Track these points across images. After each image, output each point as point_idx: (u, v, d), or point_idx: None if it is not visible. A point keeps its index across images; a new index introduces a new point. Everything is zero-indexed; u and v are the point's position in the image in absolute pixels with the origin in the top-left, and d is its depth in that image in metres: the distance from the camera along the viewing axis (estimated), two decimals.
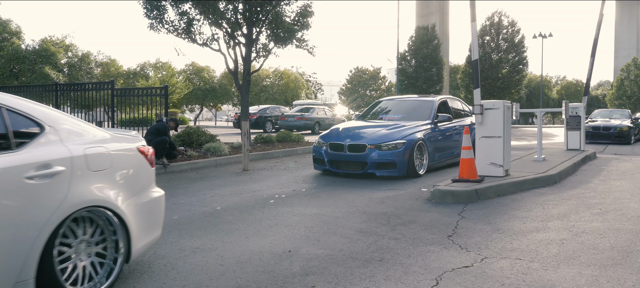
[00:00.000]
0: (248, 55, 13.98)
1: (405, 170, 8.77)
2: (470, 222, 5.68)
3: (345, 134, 9.50)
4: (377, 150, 8.80)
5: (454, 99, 11.52)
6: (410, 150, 8.81)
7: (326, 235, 5.23)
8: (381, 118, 10.50)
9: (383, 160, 8.74)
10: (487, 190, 7.03)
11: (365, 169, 8.84)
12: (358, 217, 6.05)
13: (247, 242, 4.97)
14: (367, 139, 9.04)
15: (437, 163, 9.79)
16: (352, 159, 8.99)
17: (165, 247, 4.80)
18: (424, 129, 9.50)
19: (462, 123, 10.78)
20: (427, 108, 10.30)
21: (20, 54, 41.21)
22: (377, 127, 9.61)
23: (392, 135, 9.04)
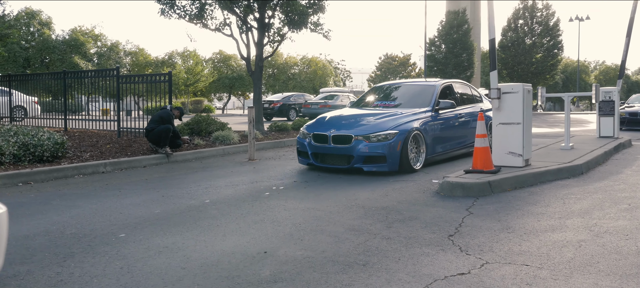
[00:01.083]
0: (260, 40, 13.48)
1: (397, 165, 7.72)
2: (477, 219, 5.06)
3: (331, 123, 8.45)
4: (365, 141, 7.71)
5: (463, 83, 10.37)
6: (404, 141, 7.70)
7: (313, 233, 4.70)
8: (376, 105, 9.36)
9: (371, 153, 7.66)
10: (502, 182, 6.37)
11: (351, 163, 7.80)
12: (354, 212, 5.49)
13: (223, 241, 4.48)
14: (354, 129, 7.97)
15: (439, 156, 8.74)
16: (337, 152, 7.93)
17: (131, 247, 4.35)
18: (423, 117, 8.39)
19: (472, 110, 9.79)
20: (427, 94, 9.12)
21: (51, 44, 41.78)
22: (368, 115, 8.55)
23: (382, 124, 7.95)
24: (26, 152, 8.43)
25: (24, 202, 6.24)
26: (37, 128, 9.41)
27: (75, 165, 8.36)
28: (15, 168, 7.93)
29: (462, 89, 10.15)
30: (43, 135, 8.91)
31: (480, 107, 10.01)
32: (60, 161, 8.75)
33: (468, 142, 9.42)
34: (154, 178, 7.97)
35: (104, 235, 4.71)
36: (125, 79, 11.46)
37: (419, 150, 8.15)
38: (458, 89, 9.90)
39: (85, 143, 10.55)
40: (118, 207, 5.90)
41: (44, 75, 14.40)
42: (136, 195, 6.61)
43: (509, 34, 45.73)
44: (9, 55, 38.94)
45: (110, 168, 8.79)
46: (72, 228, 4.96)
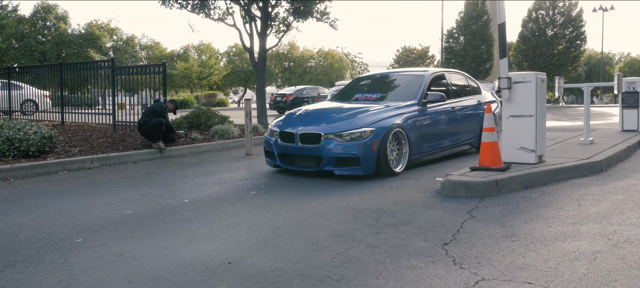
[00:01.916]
0: (264, 30, 12.95)
1: (373, 167, 6.61)
2: (479, 224, 4.47)
3: (301, 119, 7.34)
4: (336, 140, 6.60)
5: (458, 73, 9.20)
6: (382, 140, 6.60)
7: (290, 239, 4.17)
8: (357, 98, 8.16)
9: (343, 153, 6.56)
10: (510, 181, 5.76)
11: (320, 166, 6.70)
12: (343, 214, 4.94)
13: (187, 248, 3.97)
14: (325, 125, 6.87)
15: (427, 156, 7.72)
16: (305, 152, 6.84)
17: (82, 254, 3.87)
18: (407, 112, 7.23)
19: (468, 102, 8.67)
20: (414, 85, 7.91)
21: (67, 38, 41.83)
22: (344, 110, 7.41)
23: (357, 120, 6.81)
24: (11, 147, 8.05)
25: None
26: (27, 122, 9.03)
27: (60, 161, 7.94)
28: None
29: (457, 80, 9.01)
30: (30, 130, 8.52)
31: (478, 100, 8.96)
32: (46, 156, 8.35)
33: (463, 140, 8.47)
34: (140, 175, 7.51)
35: (59, 241, 4.24)
36: (119, 70, 11.03)
37: (401, 150, 7.07)
38: (452, 80, 8.79)
39: (78, 137, 10.15)
40: (88, 207, 5.44)
41: (40, 67, 14.07)
42: (114, 193, 6.15)
43: (529, 25, 44.53)
44: (25, 49, 39.11)
45: (97, 163, 8.36)
46: (29, 232, 4.50)
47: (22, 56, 39.01)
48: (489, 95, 9.41)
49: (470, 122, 8.55)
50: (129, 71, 11.10)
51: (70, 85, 12.39)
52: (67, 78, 12.18)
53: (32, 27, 41.62)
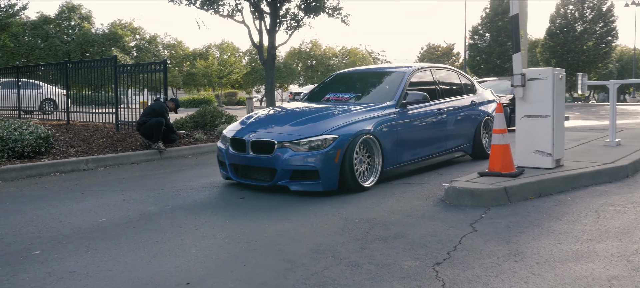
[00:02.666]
0: (273, 26, 12.56)
1: (335, 182, 5.56)
2: (480, 239, 3.96)
3: (256, 123, 6.28)
4: (292, 150, 5.55)
5: (447, 69, 8.05)
6: (346, 149, 5.57)
7: (265, 255, 3.73)
8: (327, 99, 7.07)
9: (299, 165, 5.51)
10: (522, 188, 5.21)
11: (274, 180, 5.64)
12: (332, 225, 4.48)
13: (149, 264, 3.57)
14: (279, 132, 5.82)
15: (408, 165, 6.69)
16: (258, 164, 5.79)
17: (33, 270, 3.50)
18: (381, 115, 6.17)
19: (458, 102, 7.54)
20: (392, 84, 6.83)
21: (90, 38, 42.09)
22: (308, 112, 6.43)
23: (318, 126, 5.75)
24: (5, 148, 7.80)
25: None
26: (24, 121, 8.80)
27: (53, 162, 7.66)
28: None
29: (446, 77, 7.78)
30: (25, 130, 8.27)
31: (472, 100, 7.84)
32: (41, 157, 8.09)
33: (454, 146, 7.38)
34: (132, 178, 7.17)
35: (16, 252, 3.88)
36: (122, 68, 10.74)
37: (373, 161, 6.00)
38: (439, 77, 7.54)
39: (79, 137, 9.89)
40: (64, 213, 5.09)
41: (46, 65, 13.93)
42: (96, 198, 5.80)
43: (557, 21, 43.25)
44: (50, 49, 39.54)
45: (92, 165, 8.06)
46: None
47: (47, 56, 39.41)
48: (487, 94, 8.41)
49: (463, 125, 7.47)
50: (131, 69, 10.81)
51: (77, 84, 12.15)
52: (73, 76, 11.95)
53: (57, 27, 42.06)
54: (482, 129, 7.80)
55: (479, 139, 7.73)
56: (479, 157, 7.80)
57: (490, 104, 8.23)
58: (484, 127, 7.87)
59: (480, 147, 7.77)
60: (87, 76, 11.96)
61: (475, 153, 7.80)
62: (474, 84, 8.29)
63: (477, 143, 7.73)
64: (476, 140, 7.71)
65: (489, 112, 8.03)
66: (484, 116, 7.90)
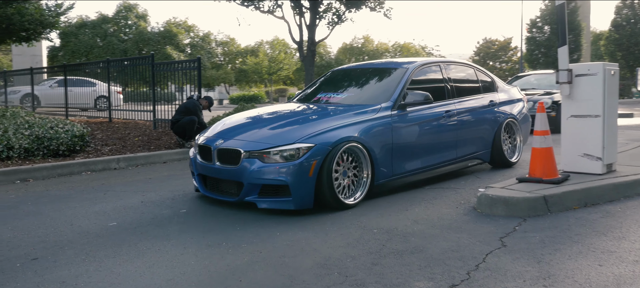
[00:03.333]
0: (313, 22, 12.28)
1: (310, 199, 4.74)
2: (508, 257, 3.51)
3: (228, 129, 5.48)
4: (260, 160, 4.75)
5: (461, 63, 7.04)
6: (323, 159, 4.73)
7: (266, 268, 3.43)
8: (318, 99, 6.25)
9: (268, 179, 4.71)
10: (564, 197, 4.68)
11: (240, 195, 4.87)
12: (348, 234, 4.14)
13: (139, 277, 3.35)
14: (248, 139, 5.02)
15: (406, 176, 5.69)
16: (225, 176, 5.04)
17: (25, 278, 3.35)
18: (371, 118, 5.29)
19: (474, 103, 6.57)
20: (390, 82, 5.93)
21: (146, 36, 43.25)
22: (285, 116, 5.66)
23: (293, 132, 4.95)
24: (40, 146, 7.88)
25: None
26: (60, 120, 8.89)
27: (84, 161, 7.66)
28: (23, 163, 7.37)
29: (459, 74, 6.77)
30: (61, 128, 8.34)
31: (491, 99, 6.84)
32: (75, 156, 8.13)
33: (467, 153, 6.40)
34: (160, 178, 7.05)
35: (14, 259, 3.76)
36: (159, 66, 10.74)
37: (361, 173, 5.14)
38: (450, 74, 6.53)
39: (116, 135, 9.95)
40: (78, 216, 4.98)
41: (88, 64, 14.20)
42: (115, 199, 5.68)
43: (624, 12, 40.80)
44: (108, 47, 40.87)
45: (123, 164, 8.02)
46: None
47: (105, 54, 40.75)
48: (511, 93, 7.42)
49: (478, 129, 6.52)
50: (167, 67, 10.80)
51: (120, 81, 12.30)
52: (114, 74, 12.10)
53: (115, 25, 43.43)
54: (502, 133, 6.78)
55: (499, 144, 6.71)
56: (499, 166, 6.85)
57: (516, 104, 7.29)
58: (505, 130, 6.88)
59: (500, 154, 6.76)
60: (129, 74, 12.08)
61: (494, 161, 6.82)
62: (495, 81, 7.25)
63: (497, 149, 6.72)
64: (495, 146, 6.71)
65: (513, 114, 7.06)
66: (506, 118, 6.89)
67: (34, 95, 16.49)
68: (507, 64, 61.21)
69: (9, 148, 7.50)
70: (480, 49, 63.73)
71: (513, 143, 7.10)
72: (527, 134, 7.36)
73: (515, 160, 7.01)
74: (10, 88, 19.09)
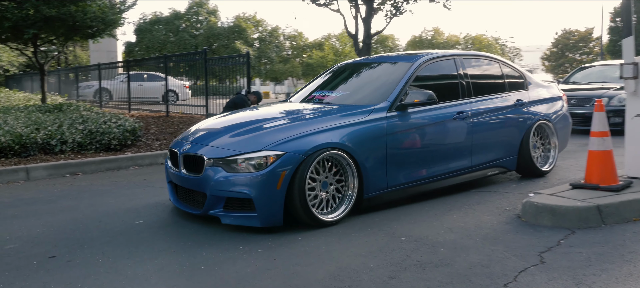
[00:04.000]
0: (369, 14, 11.93)
1: (278, 215, 4.11)
2: (543, 275, 3.11)
3: (200, 131, 4.94)
4: (224, 169, 4.19)
5: (481, 57, 6.17)
6: (293, 171, 4.09)
7: (272, 279, 3.24)
8: (312, 97, 5.61)
9: (231, 191, 4.13)
10: (622, 207, 4.16)
11: (204, 208, 4.31)
12: (371, 243, 3.86)
13: (144, 281, 3.24)
14: (216, 145, 4.42)
15: (405, 188, 4.89)
16: (190, 185, 4.51)
17: (34, 277, 3.33)
18: (362, 120, 4.60)
19: (496, 103, 5.69)
20: (390, 79, 5.18)
21: (216, 31, 44.33)
22: (261, 120, 4.93)
23: (261, 137, 4.34)
24: (92, 140, 8.08)
25: (28, 199, 5.66)
26: (113, 115, 9.12)
27: (132, 156, 7.78)
28: (76, 157, 7.59)
29: (479, 68, 5.95)
30: (114, 123, 8.53)
31: (518, 98, 5.92)
32: (126, 150, 8.28)
33: (485, 161, 5.54)
34: None
35: (33, 256, 3.78)
36: (211, 61, 10.83)
37: (347, 185, 4.46)
38: (467, 69, 5.66)
39: (169, 130, 10.09)
40: (109, 212, 4.99)
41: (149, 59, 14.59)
42: (152, 196, 5.68)
43: None
44: (180, 43, 42.20)
45: None
46: (20, 242, 4.12)
47: (177, 49, 42.13)
48: (546, 91, 6.43)
49: (501, 132, 5.69)
50: (219, 62, 10.86)
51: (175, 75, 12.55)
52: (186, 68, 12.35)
53: (186, 21, 44.77)
54: (532, 137, 5.87)
55: (527, 150, 5.79)
56: (527, 175, 5.97)
57: (551, 103, 6.31)
58: (536, 134, 5.99)
59: (529, 161, 5.83)
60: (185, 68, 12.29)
61: (521, 170, 5.93)
62: (526, 77, 6.30)
63: (525, 156, 5.80)
64: (523, 153, 5.79)
65: (546, 114, 6.09)
66: (537, 120, 5.95)
67: (101, 89, 17.16)
68: (588, 55, 57.93)
69: (62, 143, 7.73)
70: (559, 40, 60.72)
71: (546, 149, 6.16)
72: (565, 138, 6.50)
73: (547, 168, 6.05)
74: (85, 83, 20.06)
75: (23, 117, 8.35)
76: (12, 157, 7.22)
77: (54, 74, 21.42)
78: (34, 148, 7.44)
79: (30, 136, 7.44)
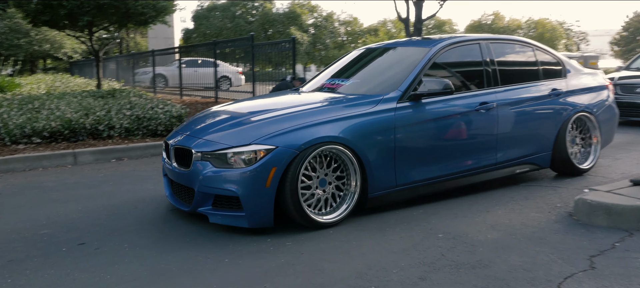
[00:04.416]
0: None
1: (267, 215, 3.77)
2: (591, 284, 2.81)
3: (198, 121, 4.60)
4: (212, 164, 3.86)
5: (512, 41, 5.52)
6: (285, 167, 3.74)
7: (293, 276, 3.09)
8: (323, 86, 5.15)
9: (218, 188, 3.81)
10: None
11: (193, 205, 4.01)
12: (406, 239, 3.64)
13: (158, 277, 3.16)
14: (207, 137, 4.07)
15: (417, 186, 4.41)
16: (180, 179, 4.18)
17: (59, 264, 3.31)
18: (367, 112, 4.17)
19: (527, 92, 5.12)
20: (404, 66, 4.70)
21: (271, 17, 44.60)
22: (257, 112, 4.46)
23: (252, 130, 3.99)
24: (139, 126, 8.18)
25: (71, 184, 5.75)
26: (160, 100, 9.21)
27: None
28: (123, 142, 7.71)
29: (509, 54, 5.37)
30: (161, 109, 8.61)
31: (554, 87, 5.29)
32: None
33: (509, 157, 4.96)
34: None
35: (64, 242, 3.79)
36: (257, 47, 10.76)
37: (349, 183, 4.07)
38: (496, 55, 5.08)
39: None
40: (146, 199, 4.99)
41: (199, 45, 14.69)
42: None
43: None
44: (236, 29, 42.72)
45: None
46: (55, 228, 4.14)
47: (233, 35, 42.67)
48: (594, 77, 5.82)
49: (533, 125, 5.13)
50: (265, 48, 10.78)
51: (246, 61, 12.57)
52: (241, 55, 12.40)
53: (242, 8, 45.22)
54: (569, 131, 5.27)
55: (563, 145, 5.20)
56: (563, 173, 5.39)
57: (595, 93, 5.63)
58: (574, 127, 5.39)
59: (565, 158, 5.24)
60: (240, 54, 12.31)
61: (556, 167, 5.36)
62: (564, 64, 5.60)
63: (560, 152, 5.22)
64: (558, 148, 5.21)
65: (587, 106, 5.45)
66: (576, 111, 5.32)
67: (156, 75, 17.51)
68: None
69: (110, 128, 7.86)
70: (630, 24, 57.43)
71: (587, 144, 5.54)
72: (610, 133, 5.86)
73: (587, 166, 5.44)
74: (142, 69, 20.58)
75: (75, 103, 8.55)
76: (62, 142, 7.41)
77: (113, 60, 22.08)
78: (83, 133, 7.60)
79: (79, 121, 7.60)
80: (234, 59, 16.08)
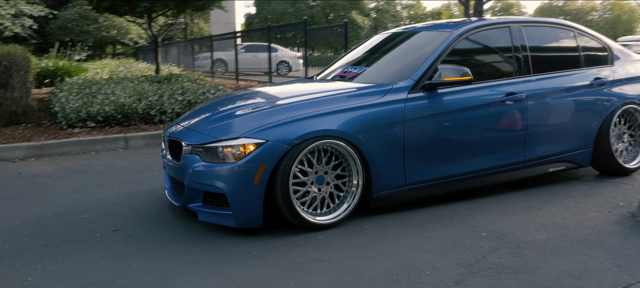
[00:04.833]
0: None
1: (256, 215, 3.46)
2: None
3: (200, 111, 4.29)
4: (201, 158, 3.58)
5: (548, 24, 4.87)
6: (275, 163, 3.42)
7: (321, 273, 2.94)
8: (334, 75, 4.76)
9: (205, 184, 3.53)
10: None
11: (183, 199, 3.76)
12: (446, 237, 3.40)
13: (177, 277, 3.09)
14: (199, 129, 3.79)
15: (431, 185, 3.98)
16: (174, 172, 3.92)
17: (72, 258, 3.31)
18: (371, 104, 3.76)
19: (561, 81, 4.51)
20: (420, 54, 4.21)
21: (332, 2, 44.32)
22: (260, 100, 4.22)
23: (243, 122, 3.68)
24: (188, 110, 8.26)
25: (119, 168, 5.83)
26: (212, 85, 9.26)
27: None
28: None
29: (545, 40, 4.78)
30: (212, 94, 8.65)
31: (596, 76, 4.67)
32: None
33: (543, 154, 4.43)
34: None
35: (99, 229, 3.81)
36: (310, 31, 10.60)
37: (350, 182, 3.72)
38: (529, 40, 4.51)
39: None
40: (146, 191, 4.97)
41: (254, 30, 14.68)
42: None
43: None
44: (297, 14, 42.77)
45: None
46: (95, 213, 4.18)
47: (294, 20, 42.77)
48: (635, 67, 5.01)
49: (570, 119, 4.55)
50: (318, 32, 10.61)
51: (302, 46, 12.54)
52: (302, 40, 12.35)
53: None
54: (614, 124, 4.70)
55: (606, 141, 4.63)
56: (606, 172, 4.82)
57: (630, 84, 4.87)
58: (622, 121, 4.81)
59: (608, 155, 4.67)
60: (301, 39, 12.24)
61: (598, 165, 4.80)
62: (611, 49, 4.95)
63: (603, 149, 4.65)
64: (600, 144, 4.64)
65: (638, 97, 4.81)
66: (623, 103, 4.71)
67: (214, 60, 17.74)
68: None
69: (161, 113, 7.97)
70: None
71: (636, 141, 4.93)
72: None
73: (635, 165, 4.82)
74: (203, 54, 20.95)
75: (130, 88, 8.73)
76: (115, 126, 7.57)
77: (174, 45, 22.60)
78: (135, 117, 7.74)
79: (132, 106, 7.74)
80: (294, 44, 16.05)
